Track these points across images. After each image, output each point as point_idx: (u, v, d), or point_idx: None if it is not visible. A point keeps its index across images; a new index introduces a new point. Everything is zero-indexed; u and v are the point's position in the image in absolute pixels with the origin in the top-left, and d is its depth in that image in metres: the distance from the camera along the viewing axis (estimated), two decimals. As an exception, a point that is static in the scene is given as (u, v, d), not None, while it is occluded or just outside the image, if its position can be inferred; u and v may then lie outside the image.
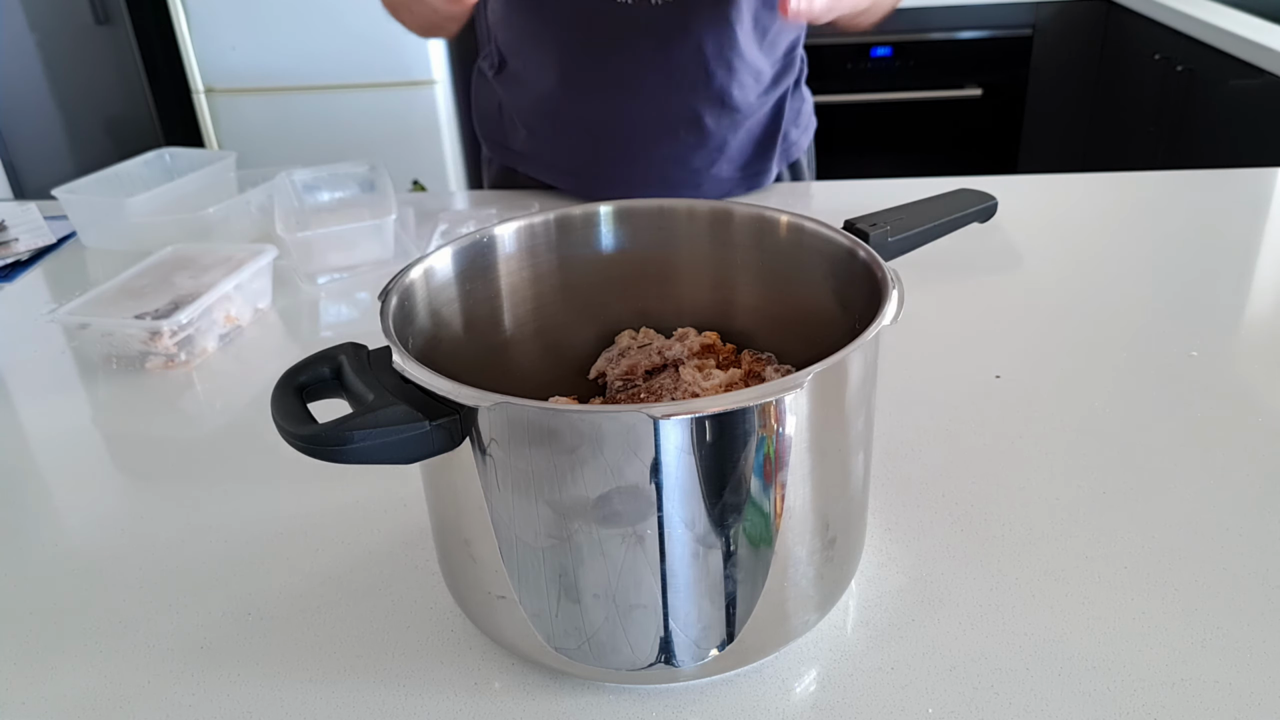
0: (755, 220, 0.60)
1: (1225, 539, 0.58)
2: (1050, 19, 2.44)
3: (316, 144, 2.41)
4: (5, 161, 2.62)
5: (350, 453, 0.41)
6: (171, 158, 1.18)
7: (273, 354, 0.87)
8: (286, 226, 0.99)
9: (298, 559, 0.61)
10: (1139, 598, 0.54)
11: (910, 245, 0.60)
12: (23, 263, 1.06)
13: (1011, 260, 0.97)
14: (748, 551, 0.45)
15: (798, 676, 0.51)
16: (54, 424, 0.77)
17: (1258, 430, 0.68)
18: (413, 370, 0.43)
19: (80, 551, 0.62)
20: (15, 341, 0.90)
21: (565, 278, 0.62)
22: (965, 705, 0.48)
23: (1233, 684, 0.49)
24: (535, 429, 0.42)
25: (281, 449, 0.65)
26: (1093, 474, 0.65)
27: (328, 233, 0.98)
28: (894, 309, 0.47)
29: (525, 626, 0.48)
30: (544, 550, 0.45)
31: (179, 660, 0.53)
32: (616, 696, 0.50)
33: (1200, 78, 2.00)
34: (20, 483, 0.70)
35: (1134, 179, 1.16)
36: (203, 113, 2.45)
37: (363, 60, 2.35)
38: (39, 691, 0.52)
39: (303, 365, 0.47)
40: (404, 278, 0.52)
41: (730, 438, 0.42)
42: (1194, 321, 0.83)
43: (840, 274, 0.55)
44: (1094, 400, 0.73)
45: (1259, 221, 1.03)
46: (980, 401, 0.73)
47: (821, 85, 2.50)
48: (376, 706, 0.50)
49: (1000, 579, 0.56)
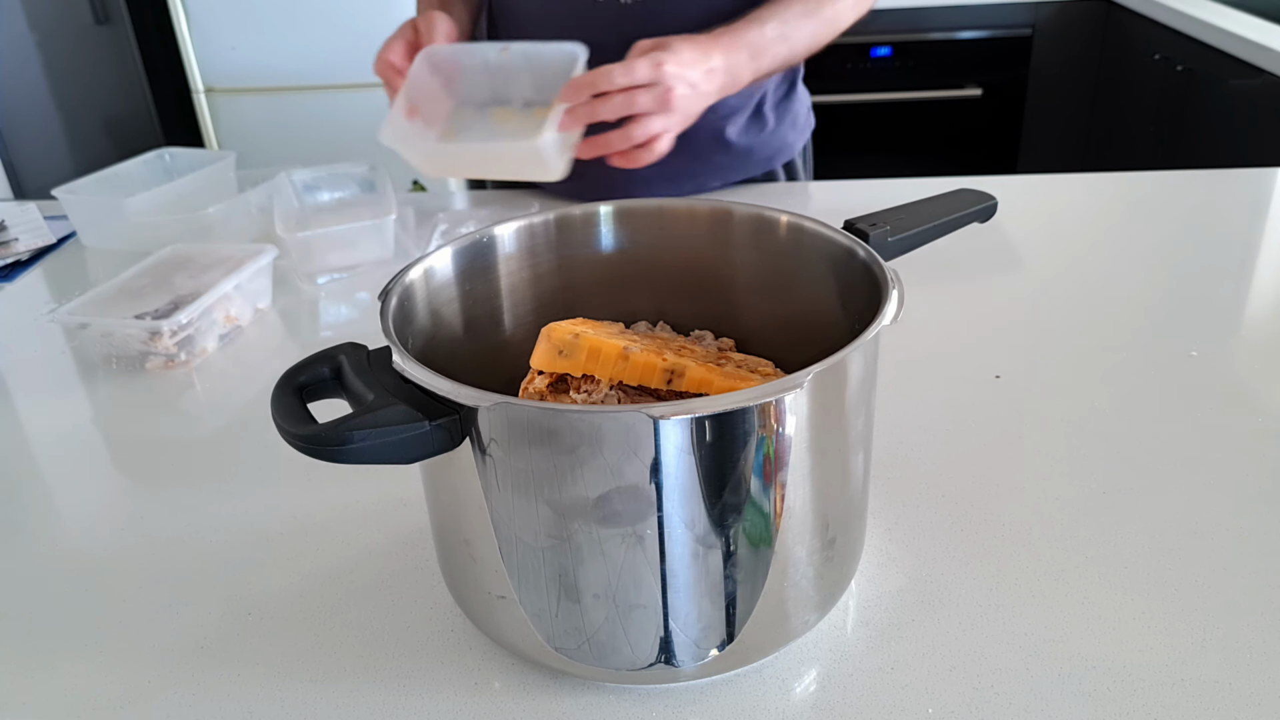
0: (755, 220, 0.60)
1: (1225, 539, 0.58)
2: (1050, 19, 2.44)
3: (316, 144, 2.41)
4: (5, 161, 2.62)
5: (350, 453, 0.41)
6: (171, 158, 1.18)
7: (273, 354, 0.87)
8: (286, 226, 0.99)
9: (298, 559, 0.61)
10: (1139, 598, 0.54)
11: (910, 245, 0.60)
12: (23, 263, 1.06)
13: (1011, 260, 0.97)
14: (748, 551, 0.45)
15: (798, 676, 0.51)
16: (54, 424, 0.77)
17: (1258, 430, 0.68)
18: (413, 370, 0.43)
19: (80, 551, 0.62)
20: (15, 341, 0.90)
21: (565, 278, 0.62)
22: (965, 705, 0.48)
23: (1233, 684, 0.49)
24: (535, 429, 0.42)
25: (281, 449, 0.64)
26: (1093, 474, 0.65)
27: (327, 232, 0.98)
28: (894, 309, 0.47)
29: (525, 626, 0.48)
30: (544, 550, 0.45)
31: (179, 660, 0.53)
32: (616, 696, 0.50)
33: (1200, 78, 2.00)
34: (20, 483, 0.70)
35: (1134, 179, 1.16)
36: (202, 113, 2.45)
37: (363, 60, 2.33)
38: (39, 691, 0.52)
39: (303, 365, 0.47)
40: (404, 278, 0.52)
41: (730, 438, 0.42)
42: (1194, 321, 0.83)
43: (840, 274, 0.55)
44: (1094, 400, 0.73)
45: (1259, 221, 1.03)
46: (980, 401, 0.73)
47: (821, 85, 2.50)
48: (376, 706, 0.50)
49: (1000, 579, 0.56)
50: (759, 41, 0.94)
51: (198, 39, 2.36)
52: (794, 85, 1.16)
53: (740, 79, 0.94)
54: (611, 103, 0.82)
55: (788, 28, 0.96)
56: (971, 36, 2.47)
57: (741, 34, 0.93)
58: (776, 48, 0.95)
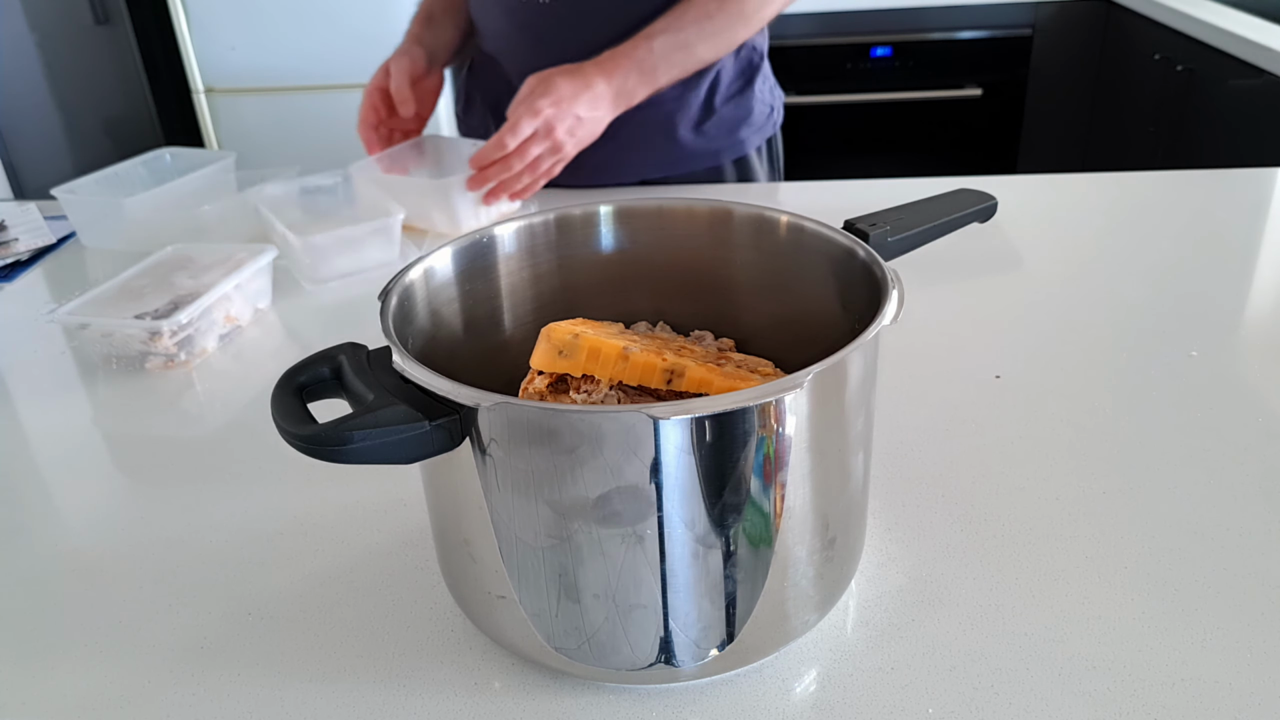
0: (755, 220, 0.60)
1: (1225, 539, 0.58)
2: (1050, 19, 2.44)
3: (316, 144, 2.41)
4: (5, 161, 2.62)
5: (350, 453, 0.41)
6: (172, 158, 1.18)
7: (273, 354, 0.87)
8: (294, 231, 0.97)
9: (298, 559, 0.61)
10: (1139, 598, 0.54)
11: (910, 245, 0.60)
12: (23, 263, 1.06)
13: (1011, 260, 0.97)
14: (748, 551, 0.45)
15: (798, 676, 0.51)
16: (54, 424, 0.77)
17: (1258, 430, 0.68)
18: (413, 370, 0.43)
19: (80, 551, 0.62)
20: (15, 341, 0.90)
21: (565, 278, 0.62)
22: (965, 705, 0.48)
23: (1233, 684, 0.49)
24: (535, 429, 0.42)
25: (281, 449, 0.64)
26: (1093, 474, 0.65)
27: (338, 235, 0.96)
28: (894, 309, 0.47)
29: (525, 626, 0.48)
30: (544, 550, 0.45)
31: (179, 660, 0.53)
32: (616, 696, 0.50)
33: (1200, 78, 2.00)
34: (20, 483, 0.70)
35: (1134, 179, 1.16)
36: (203, 113, 2.45)
37: (363, 60, 2.33)
38: (39, 691, 0.52)
39: (303, 365, 0.47)
40: (404, 278, 0.52)
41: (730, 438, 0.42)
42: (1194, 321, 0.83)
43: (840, 274, 0.55)
44: (1094, 400, 0.73)
45: (1259, 221, 1.03)
46: (980, 401, 0.73)
47: (821, 85, 2.51)
48: (376, 706, 0.50)
49: (1000, 579, 0.56)
50: (647, 59, 0.98)
51: (198, 39, 2.37)
52: (750, 82, 1.14)
53: (634, 96, 0.98)
54: (510, 169, 0.96)
55: (684, 35, 0.99)
56: (971, 36, 2.47)
57: (628, 55, 0.97)
58: (673, 56, 0.99)
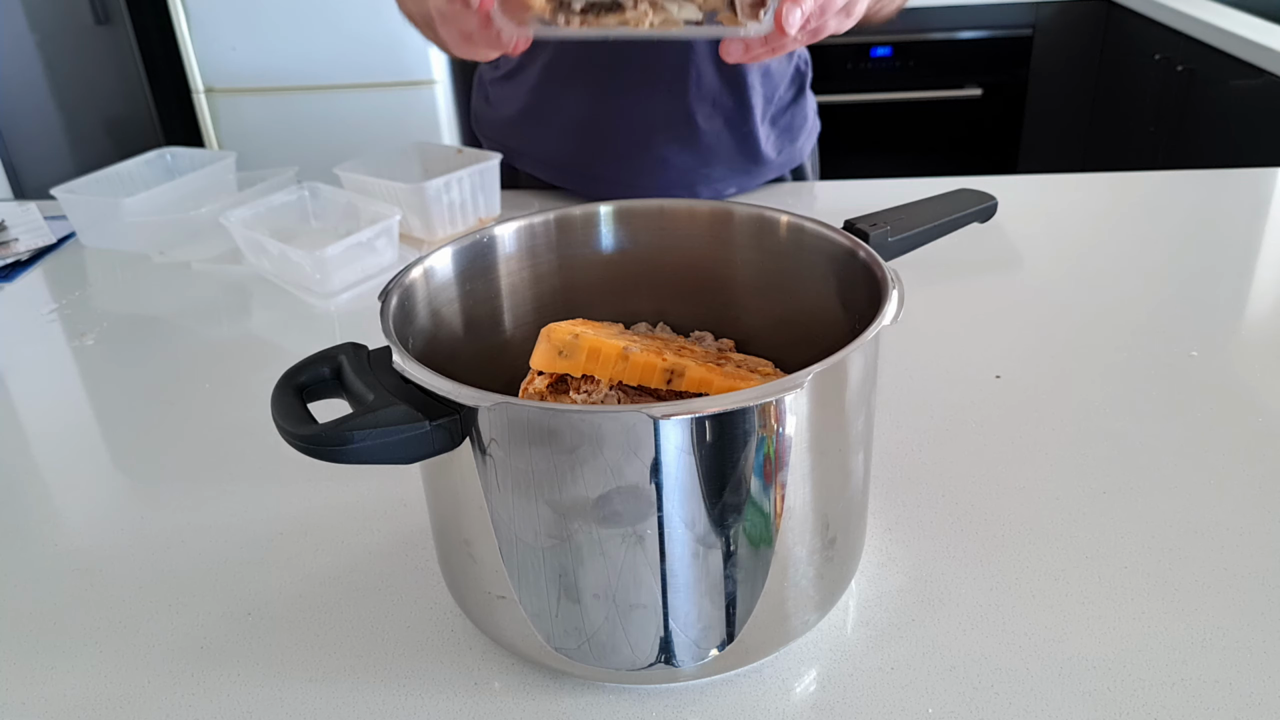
0: (755, 220, 0.60)
1: (1225, 539, 0.58)
2: (1050, 19, 2.44)
3: (316, 144, 2.41)
4: (5, 161, 2.62)
5: (350, 453, 0.41)
6: (172, 158, 1.18)
7: (273, 354, 0.87)
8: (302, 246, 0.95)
9: (298, 559, 0.61)
10: (1139, 598, 0.54)
11: (910, 245, 0.60)
12: (23, 263, 1.06)
13: (1011, 260, 0.97)
14: (748, 551, 0.45)
15: (798, 676, 0.51)
16: (54, 423, 0.77)
17: (1258, 430, 0.68)
18: (413, 370, 0.43)
19: (80, 551, 0.62)
20: (15, 341, 0.90)
21: (565, 278, 0.62)
22: (965, 705, 0.48)
23: (1233, 684, 0.49)
24: (535, 429, 0.42)
25: (281, 449, 0.65)
26: (1093, 474, 0.65)
27: (349, 243, 0.94)
28: (894, 309, 0.47)
29: (525, 626, 0.48)
30: (544, 550, 0.45)
31: (179, 660, 0.53)
32: (616, 696, 0.50)
33: (1200, 78, 2.00)
34: (20, 482, 0.70)
35: (1134, 179, 1.16)
36: (203, 113, 2.45)
37: (363, 60, 2.35)
38: (39, 691, 0.52)
39: (303, 365, 0.47)
40: (404, 278, 0.52)
41: (730, 438, 0.42)
42: (1194, 321, 0.83)
43: (840, 274, 0.55)
44: (1094, 400, 0.73)
45: (1259, 221, 1.03)
46: (980, 401, 0.73)
47: (822, 85, 2.49)
48: (376, 706, 0.50)
49: (1000, 579, 0.56)
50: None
51: (198, 39, 2.37)
52: (802, 90, 1.16)
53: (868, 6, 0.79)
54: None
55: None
56: (971, 36, 2.47)
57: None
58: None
